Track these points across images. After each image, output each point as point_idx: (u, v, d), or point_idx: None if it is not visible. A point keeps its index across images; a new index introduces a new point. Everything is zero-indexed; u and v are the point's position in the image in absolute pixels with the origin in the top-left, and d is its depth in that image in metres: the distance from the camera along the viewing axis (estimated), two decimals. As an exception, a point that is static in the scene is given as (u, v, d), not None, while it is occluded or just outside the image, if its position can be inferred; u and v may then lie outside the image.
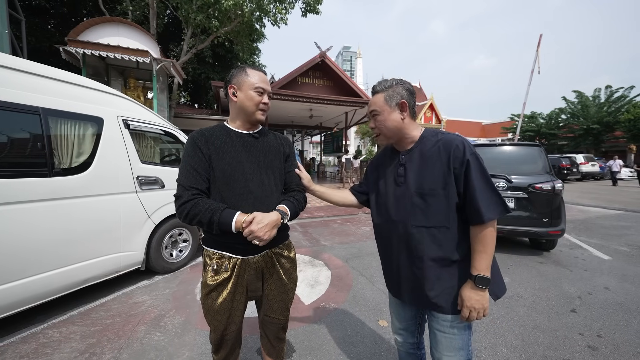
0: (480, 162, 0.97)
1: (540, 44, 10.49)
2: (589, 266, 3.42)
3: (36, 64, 2.16)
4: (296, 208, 1.21)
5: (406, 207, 1.05)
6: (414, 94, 1.08)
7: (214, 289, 1.14)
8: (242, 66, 1.17)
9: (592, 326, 2.18)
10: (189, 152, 1.12)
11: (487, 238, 0.95)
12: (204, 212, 1.02)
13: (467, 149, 0.97)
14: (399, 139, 1.10)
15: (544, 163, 3.84)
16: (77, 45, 6.17)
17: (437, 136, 1.04)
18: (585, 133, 21.71)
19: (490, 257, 0.95)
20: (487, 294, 0.96)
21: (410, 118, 1.08)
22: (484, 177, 0.96)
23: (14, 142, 2.03)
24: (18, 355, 1.84)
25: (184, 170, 1.10)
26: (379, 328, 2.16)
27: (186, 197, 1.05)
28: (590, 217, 6.42)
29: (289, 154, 1.31)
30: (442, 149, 1.00)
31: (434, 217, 1.00)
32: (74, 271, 2.29)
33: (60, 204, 2.18)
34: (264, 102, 1.17)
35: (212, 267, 1.14)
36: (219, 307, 1.15)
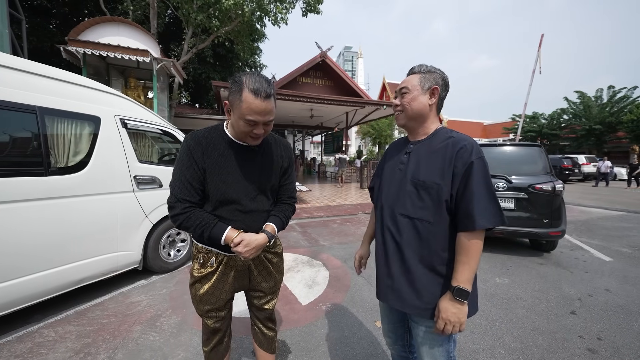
0: (485, 168, 0.94)
1: (541, 44, 10.44)
2: (589, 268, 3.39)
3: (32, 62, 2.15)
4: (283, 224, 1.25)
5: (398, 192, 1.06)
6: (448, 87, 1.07)
7: (199, 280, 1.20)
8: (241, 84, 0.98)
9: (592, 329, 2.16)
10: (184, 162, 1.08)
11: (473, 249, 0.91)
12: (195, 227, 1.06)
13: (474, 151, 0.94)
14: (416, 125, 1.08)
15: (545, 163, 3.81)
16: (78, 45, 6.18)
17: (450, 134, 1.02)
18: (587, 133, 21.60)
19: (473, 270, 0.92)
20: (466, 307, 0.92)
21: (435, 109, 1.06)
22: (485, 183, 0.92)
23: (9, 141, 2.02)
24: (13, 354, 1.84)
25: (178, 181, 1.07)
26: (376, 329, 2.14)
27: (179, 209, 1.06)
28: (592, 218, 6.38)
29: (287, 168, 1.28)
30: (449, 146, 0.98)
31: (420, 210, 0.99)
32: (70, 270, 2.28)
33: (56, 203, 2.18)
34: (255, 133, 1.06)
35: (198, 261, 1.20)
36: (201, 297, 1.20)
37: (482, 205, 0.90)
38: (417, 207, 1.00)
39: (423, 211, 0.98)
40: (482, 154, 0.95)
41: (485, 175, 0.93)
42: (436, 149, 1.01)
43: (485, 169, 0.94)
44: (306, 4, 9.61)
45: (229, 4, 7.99)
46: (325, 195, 9.27)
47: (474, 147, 0.95)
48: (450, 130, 1.04)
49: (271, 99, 1.02)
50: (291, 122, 16.60)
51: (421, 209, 0.99)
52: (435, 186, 0.96)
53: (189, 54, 9.77)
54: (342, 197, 9.03)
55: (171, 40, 12.81)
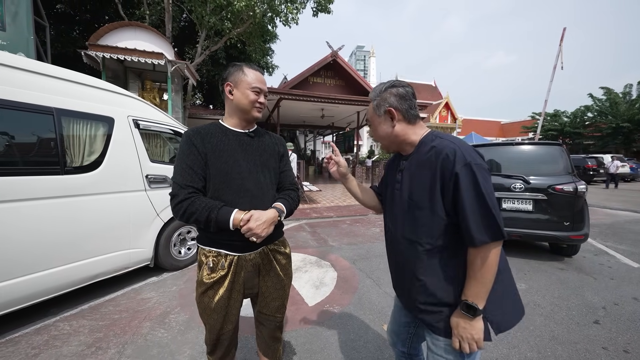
0: (473, 175, 0.82)
1: (563, 38, 9.95)
2: (615, 274, 3.18)
3: (50, 65, 2.24)
4: (291, 206, 1.23)
5: (398, 216, 1.02)
6: (406, 97, 0.97)
7: (211, 287, 1.13)
8: (239, 64, 1.16)
9: (618, 340, 2.01)
10: (184, 150, 1.11)
11: (478, 263, 0.83)
12: (200, 211, 1.02)
13: (457, 160, 0.83)
14: (397, 146, 1.05)
15: (566, 163, 3.61)
16: (97, 49, 6.44)
17: (434, 142, 0.93)
18: (614, 132, 20.41)
19: (483, 285, 0.84)
20: (480, 324, 0.85)
21: (405, 123, 0.99)
22: (476, 193, 0.82)
23: (29, 142, 2.11)
24: (30, 346, 1.91)
25: (180, 168, 1.09)
26: (383, 333, 2.09)
27: (182, 195, 1.05)
28: (619, 221, 6.01)
29: (283, 154, 1.32)
30: (432, 158, 0.90)
31: (420, 231, 0.93)
32: (85, 266, 2.36)
33: (71, 201, 2.25)
34: (260, 102, 1.16)
35: (208, 265, 1.14)
36: (215, 306, 1.14)
37: (477, 219, 0.81)
38: (416, 229, 0.94)
39: (422, 231, 0.93)
40: (471, 158, 0.83)
41: (475, 184, 0.82)
42: (423, 162, 0.93)
43: (474, 177, 0.82)
44: (317, 3, 9.59)
45: (240, 6, 8.10)
46: (335, 195, 9.22)
47: (457, 153, 0.84)
48: (435, 136, 0.96)
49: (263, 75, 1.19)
50: (302, 122, 16.63)
51: (420, 231, 0.93)
52: (427, 205, 0.90)
53: (202, 56, 9.98)
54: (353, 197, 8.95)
55: (185, 43, 13.13)
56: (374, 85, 10.21)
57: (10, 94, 1.95)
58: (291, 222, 5.78)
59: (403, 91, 0.98)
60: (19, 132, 2.06)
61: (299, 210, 6.75)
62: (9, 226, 1.93)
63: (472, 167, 0.83)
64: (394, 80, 1.01)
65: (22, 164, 2.03)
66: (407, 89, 0.99)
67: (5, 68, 1.95)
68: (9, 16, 5.07)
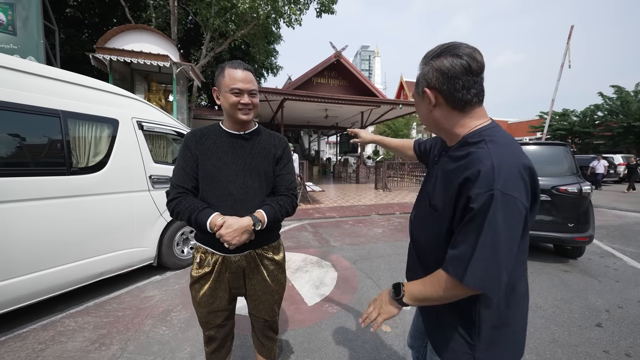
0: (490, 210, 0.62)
1: (571, 36, 9.77)
2: (621, 277, 3.12)
3: (56, 69, 2.31)
4: (277, 214, 1.14)
5: (417, 212, 0.94)
6: (452, 73, 0.71)
7: (197, 280, 1.21)
8: (222, 66, 1.13)
9: (620, 344, 1.98)
10: (180, 152, 1.19)
11: (434, 282, 0.74)
12: (184, 211, 1.08)
13: (479, 182, 0.64)
14: (438, 133, 0.87)
15: (570, 164, 3.56)
16: (105, 52, 6.57)
17: (477, 145, 0.72)
18: (625, 131, 19.92)
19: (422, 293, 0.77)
20: (393, 310, 0.84)
21: (450, 109, 0.76)
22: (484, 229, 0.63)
23: (36, 143, 2.18)
24: (37, 341, 1.98)
25: (175, 169, 1.17)
26: (381, 333, 2.10)
27: (172, 194, 1.13)
28: (628, 222, 5.88)
29: (281, 157, 1.25)
30: (460, 170, 0.72)
31: (425, 234, 0.87)
32: (91, 264, 2.42)
33: (77, 201, 2.32)
34: (243, 103, 1.10)
35: (196, 260, 1.21)
36: (200, 299, 1.21)
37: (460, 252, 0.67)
38: (425, 233, 0.87)
39: (428, 238, 0.85)
40: (502, 185, 0.62)
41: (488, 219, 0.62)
42: (450, 170, 0.77)
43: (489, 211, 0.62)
44: (320, 4, 9.62)
45: (244, 8, 8.17)
46: (338, 196, 9.23)
47: (481, 174, 0.64)
48: (480, 138, 0.72)
49: (249, 72, 1.13)
50: (306, 123, 16.69)
51: (427, 237, 0.86)
52: (438, 216, 0.78)
53: (207, 57, 10.09)
54: (356, 197, 8.94)
55: (190, 45, 13.29)
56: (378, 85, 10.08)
57: (19, 97, 2.01)
58: (293, 222, 5.82)
59: (448, 64, 0.71)
60: (27, 134, 2.12)
61: (302, 210, 6.77)
62: (18, 225, 1.99)
63: (494, 196, 0.62)
64: (450, 44, 0.74)
65: (30, 165, 2.10)
66: (457, 61, 0.71)
67: (15, 72, 2.02)
68: (19, 21, 5.23)
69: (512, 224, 0.63)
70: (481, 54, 0.73)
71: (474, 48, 0.73)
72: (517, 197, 0.63)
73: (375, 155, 27.31)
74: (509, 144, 0.70)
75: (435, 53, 0.75)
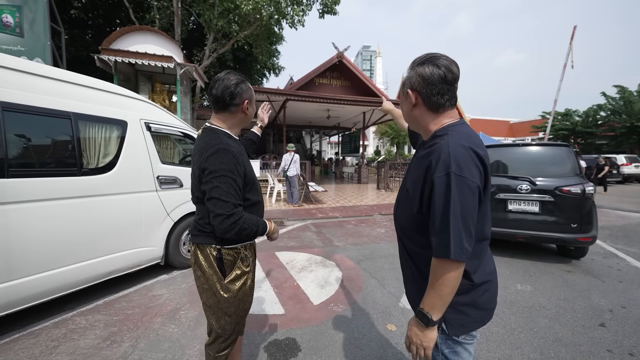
0: (447, 187, 0.76)
1: (574, 37, 9.76)
2: (624, 277, 3.14)
3: (67, 71, 2.35)
4: None
5: (398, 199, 1.06)
6: (431, 80, 0.84)
7: (247, 273, 1.28)
8: (246, 81, 1.28)
9: (624, 343, 2.00)
10: (232, 170, 1.11)
11: (437, 274, 0.80)
12: (251, 227, 1.16)
13: (440, 166, 0.78)
14: (417, 129, 1.02)
15: (573, 164, 3.58)
16: (110, 54, 6.63)
17: (440, 138, 0.86)
18: (628, 131, 19.84)
19: (441, 297, 0.80)
20: (432, 334, 0.84)
21: (426, 110, 0.90)
22: (443, 206, 0.77)
23: (47, 145, 2.23)
24: (50, 339, 2.02)
25: (229, 188, 1.10)
26: (387, 332, 2.13)
27: (238, 214, 1.10)
28: (631, 223, 5.88)
29: None
30: (425, 157, 0.86)
31: (403, 216, 0.99)
32: (100, 263, 2.47)
33: (87, 201, 2.36)
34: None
35: (241, 258, 1.25)
36: (250, 291, 1.33)
37: (435, 233, 0.79)
38: (401, 214, 1.00)
39: (404, 218, 0.98)
40: (456, 167, 0.76)
41: (445, 197, 0.76)
42: (420, 157, 0.91)
43: (448, 188, 0.76)
44: (323, 5, 9.66)
45: (247, 9, 8.22)
46: (341, 196, 9.26)
47: (443, 158, 0.78)
48: (444, 132, 0.86)
49: None
50: (308, 123, 16.73)
51: (403, 217, 0.98)
52: (410, 197, 0.92)
53: (210, 58, 10.15)
54: (358, 197, 8.97)
55: (194, 46, 13.35)
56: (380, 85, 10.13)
57: (32, 100, 2.06)
58: (297, 222, 5.85)
59: (428, 72, 0.84)
60: (40, 135, 2.17)
61: (305, 210, 6.81)
62: (32, 225, 2.04)
63: (450, 177, 0.76)
64: (432, 55, 0.87)
65: (42, 166, 2.15)
66: (436, 70, 0.84)
67: (27, 75, 2.07)
68: (26, 23, 5.29)
69: (465, 196, 0.76)
70: (458, 67, 0.87)
71: (451, 61, 0.86)
72: (469, 177, 0.76)
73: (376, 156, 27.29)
74: (466, 137, 0.83)
75: (420, 60, 0.88)
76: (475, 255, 0.86)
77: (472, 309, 0.89)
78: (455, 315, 0.87)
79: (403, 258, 1.05)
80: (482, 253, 0.91)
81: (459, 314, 0.87)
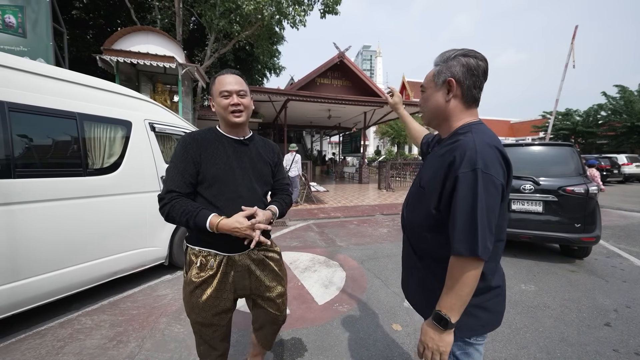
0: (474, 183, 0.75)
1: (575, 36, 9.76)
2: (628, 277, 3.14)
3: (72, 72, 2.36)
4: (283, 208, 1.33)
5: (409, 198, 1.04)
6: (475, 72, 0.84)
7: (199, 286, 1.16)
8: (215, 75, 1.20)
9: (630, 343, 2.00)
10: (178, 157, 1.14)
11: (456, 274, 0.78)
12: (179, 215, 1.06)
13: (465, 162, 0.77)
14: (439, 124, 0.96)
15: (577, 164, 3.58)
16: (111, 54, 6.63)
17: (458, 137, 0.86)
18: (629, 131, 19.84)
19: (460, 297, 0.78)
20: (449, 337, 0.81)
21: (460, 103, 0.88)
22: (469, 202, 0.76)
23: (53, 145, 2.23)
24: (56, 338, 2.02)
25: (170, 173, 1.13)
26: (392, 332, 2.13)
27: (166, 199, 1.09)
28: (633, 223, 5.88)
29: (277, 162, 1.40)
30: (447, 153, 0.85)
31: (415, 214, 0.96)
32: (106, 263, 2.47)
33: (93, 202, 2.36)
34: (233, 104, 1.15)
35: (196, 265, 1.16)
36: (203, 304, 1.16)
37: (459, 229, 0.77)
38: (414, 211, 0.97)
39: (417, 215, 0.95)
40: (482, 165, 0.76)
41: (472, 194, 0.75)
42: (441, 154, 0.89)
43: (475, 185, 0.75)
44: (324, 5, 9.66)
45: (249, 9, 8.22)
46: (342, 196, 9.26)
47: (469, 155, 0.77)
48: (468, 129, 0.86)
49: (237, 75, 1.19)
50: (309, 123, 16.73)
51: (416, 214, 0.96)
52: (427, 194, 0.89)
53: (211, 58, 10.15)
54: (360, 197, 8.97)
55: (195, 46, 13.36)
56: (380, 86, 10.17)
57: (38, 100, 2.06)
58: (299, 222, 5.86)
59: (474, 63, 0.84)
60: (46, 136, 2.17)
61: (307, 210, 6.81)
62: (38, 225, 2.04)
63: (477, 174, 0.75)
64: (469, 49, 0.87)
65: (48, 167, 2.15)
66: (480, 62, 0.85)
67: (33, 76, 2.07)
68: (29, 23, 5.30)
69: (491, 195, 0.76)
70: None
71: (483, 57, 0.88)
72: (494, 175, 0.77)
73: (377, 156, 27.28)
74: (490, 136, 0.84)
75: (459, 53, 0.87)
76: (491, 257, 0.84)
77: (483, 311, 0.88)
78: (466, 317, 0.85)
79: (409, 261, 1.03)
80: (497, 255, 0.90)
81: (469, 316, 0.85)
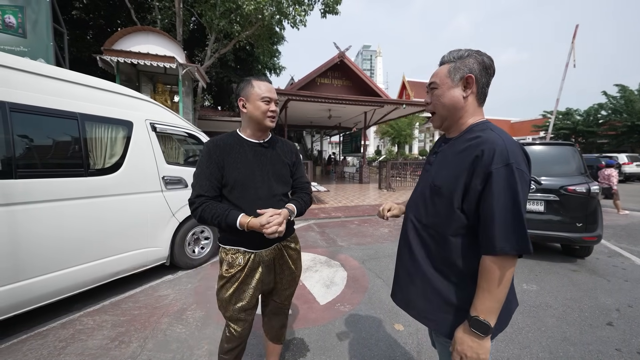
0: (512, 179, 0.74)
1: (576, 36, 9.75)
2: (630, 276, 3.13)
3: (73, 72, 2.35)
4: (302, 207, 1.35)
5: (416, 196, 1.01)
6: (490, 70, 0.88)
7: (228, 280, 1.26)
8: (249, 79, 1.27)
9: (632, 342, 2.00)
10: (204, 163, 1.24)
11: (494, 276, 0.75)
12: (211, 218, 1.16)
13: (497, 157, 0.76)
14: (452, 122, 0.94)
15: (578, 164, 3.57)
16: (112, 54, 6.63)
17: (483, 131, 0.85)
18: (629, 130, 19.83)
19: (497, 299, 0.76)
20: (488, 343, 0.78)
21: (475, 100, 0.90)
22: (511, 198, 0.74)
23: (55, 145, 2.23)
24: (58, 339, 2.02)
25: (198, 178, 1.23)
26: (394, 332, 2.13)
27: (197, 203, 1.19)
28: (634, 222, 5.87)
29: (295, 162, 1.44)
30: (470, 149, 0.82)
31: (431, 217, 0.91)
32: (107, 264, 2.47)
33: (94, 202, 2.36)
34: (272, 110, 1.25)
35: (227, 261, 1.27)
36: (230, 296, 1.27)
37: (504, 227, 0.74)
38: (428, 214, 0.92)
39: (434, 218, 0.90)
40: (514, 160, 0.76)
41: (511, 188, 0.74)
42: (460, 150, 0.87)
43: (513, 181, 0.74)
44: (325, 5, 9.65)
45: (249, 9, 8.21)
46: (343, 196, 9.26)
47: (500, 150, 0.77)
48: (485, 127, 0.86)
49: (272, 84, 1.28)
50: (309, 123, 16.72)
51: (432, 217, 0.91)
52: (447, 194, 0.86)
53: (212, 58, 10.15)
54: (360, 197, 8.97)
55: (195, 46, 13.36)
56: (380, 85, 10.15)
57: (39, 101, 2.06)
58: (300, 222, 5.85)
59: (488, 62, 0.88)
60: (47, 136, 2.17)
61: (308, 210, 6.80)
62: (41, 225, 2.04)
63: (512, 169, 0.75)
64: (480, 50, 0.91)
65: (49, 167, 2.15)
66: (492, 63, 0.90)
67: (34, 76, 2.07)
68: (29, 23, 5.29)
69: (526, 191, 0.77)
70: None
71: None
72: (524, 170, 0.78)
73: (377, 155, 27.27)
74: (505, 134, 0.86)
75: (473, 51, 0.90)
76: None
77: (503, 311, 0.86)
78: None
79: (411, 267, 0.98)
80: None
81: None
